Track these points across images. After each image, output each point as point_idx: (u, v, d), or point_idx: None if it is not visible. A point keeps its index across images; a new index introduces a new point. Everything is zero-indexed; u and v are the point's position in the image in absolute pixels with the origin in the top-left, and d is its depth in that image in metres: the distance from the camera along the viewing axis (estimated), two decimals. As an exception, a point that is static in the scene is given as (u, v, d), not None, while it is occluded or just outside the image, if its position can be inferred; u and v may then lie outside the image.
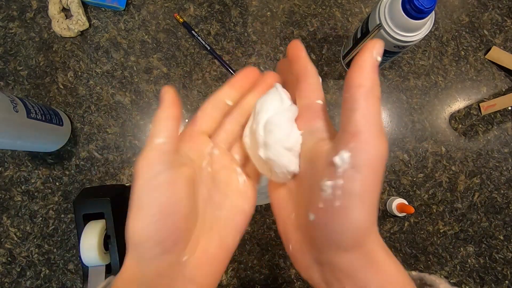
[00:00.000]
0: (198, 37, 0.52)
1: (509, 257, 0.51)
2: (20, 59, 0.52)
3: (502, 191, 0.52)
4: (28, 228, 0.49)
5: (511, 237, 0.52)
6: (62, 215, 0.50)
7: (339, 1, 0.55)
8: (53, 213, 0.50)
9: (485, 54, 0.55)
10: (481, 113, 0.53)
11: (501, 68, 0.54)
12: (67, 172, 0.50)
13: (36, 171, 0.50)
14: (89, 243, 0.41)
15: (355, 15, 0.54)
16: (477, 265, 0.51)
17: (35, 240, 0.49)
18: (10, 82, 0.51)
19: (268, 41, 0.53)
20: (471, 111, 0.54)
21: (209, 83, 0.52)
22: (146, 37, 0.53)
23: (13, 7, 0.52)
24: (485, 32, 0.55)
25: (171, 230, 0.18)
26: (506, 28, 0.55)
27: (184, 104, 0.52)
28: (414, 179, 0.52)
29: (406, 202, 0.49)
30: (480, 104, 0.53)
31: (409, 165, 0.52)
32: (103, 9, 0.53)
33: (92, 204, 0.44)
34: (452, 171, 0.52)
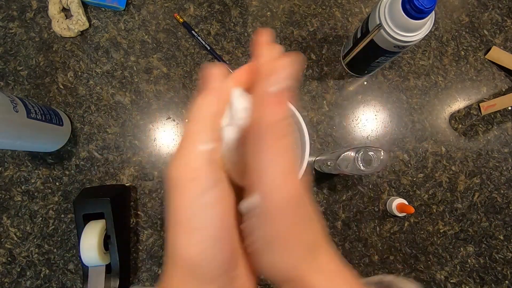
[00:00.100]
0: (198, 37, 0.52)
1: (509, 257, 0.51)
2: (20, 59, 0.52)
3: (502, 191, 0.52)
4: (28, 228, 0.49)
5: (511, 237, 0.52)
6: (62, 215, 0.50)
7: (339, 1, 0.55)
8: (53, 213, 0.50)
9: (485, 54, 0.55)
10: (481, 113, 0.53)
11: (501, 68, 0.54)
12: (67, 172, 0.50)
13: (36, 171, 0.50)
14: (89, 243, 0.41)
15: (355, 15, 0.54)
16: (477, 265, 0.51)
17: (35, 240, 0.49)
18: (10, 82, 0.51)
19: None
20: (471, 111, 0.54)
21: (209, 83, 0.52)
22: (146, 37, 0.53)
23: (13, 7, 0.52)
24: (485, 32, 0.55)
25: (230, 249, 0.16)
26: (506, 28, 0.55)
27: (184, 104, 0.52)
28: (414, 179, 0.52)
29: (406, 202, 0.49)
30: (480, 104, 0.53)
31: (409, 165, 0.52)
32: (103, 9, 0.53)
33: (92, 204, 0.44)
34: (452, 171, 0.52)
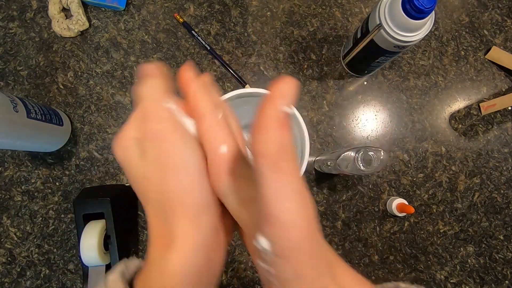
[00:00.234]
0: (198, 37, 0.52)
1: (509, 257, 0.51)
2: (20, 59, 0.52)
3: (502, 191, 0.52)
4: (28, 228, 0.49)
5: (511, 237, 0.52)
6: (62, 215, 0.50)
7: (339, 1, 0.55)
8: (53, 213, 0.50)
9: (485, 54, 0.55)
10: (481, 113, 0.53)
11: (501, 68, 0.54)
12: (67, 172, 0.50)
13: (36, 171, 0.50)
14: (89, 243, 0.41)
15: (355, 15, 0.54)
16: (477, 265, 0.51)
17: (35, 240, 0.49)
18: (10, 82, 0.51)
19: (268, 41, 0.53)
20: (471, 111, 0.54)
21: (209, 83, 0.52)
22: (146, 37, 0.53)
23: (13, 7, 0.52)
24: (485, 32, 0.55)
25: (208, 188, 0.17)
26: (506, 28, 0.55)
27: (184, 104, 0.52)
28: (414, 179, 0.52)
29: (406, 202, 0.49)
30: (480, 104, 0.53)
31: (409, 165, 0.52)
32: (103, 9, 0.53)
33: (92, 204, 0.44)
34: (452, 171, 0.52)
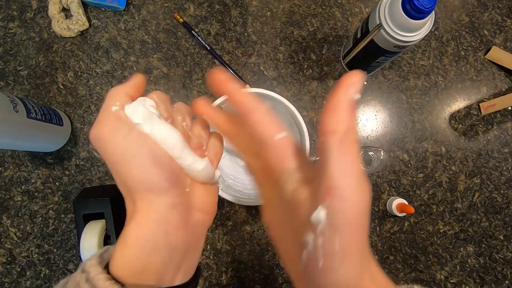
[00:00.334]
0: (198, 37, 0.52)
1: (509, 257, 0.51)
2: (20, 59, 0.52)
3: (502, 191, 0.52)
4: (28, 228, 0.49)
5: (511, 237, 0.52)
6: (62, 215, 0.50)
7: (339, 1, 0.55)
8: (53, 213, 0.50)
9: (485, 54, 0.55)
10: (481, 113, 0.53)
11: (501, 68, 0.54)
12: (67, 172, 0.50)
13: (36, 171, 0.50)
14: (89, 243, 0.41)
15: (355, 15, 0.54)
16: (477, 265, 0.51)
17: (35, 240, 0.49)
18: (10, 82, 0.51)
19: (268, 41, 0.53)
20: (471, 111, 0.54)
21: (209, 83, 0.52)
22: (146, 37, 0.53)
23: (13, 7, 0.52)
24: (485, 32, 0.55)
25: (169, 167, 0.20)
26: (506, 28, 0.55)
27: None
28: (414, 179, 0.52)
29: (406, 202, 0.49)
30: (480, 104, 0.53)
31: (409, 165, 0.52)
32: (103, 9, 0.53)
33: (92, 204, 0.44)
34: (452, 171, 0.52)
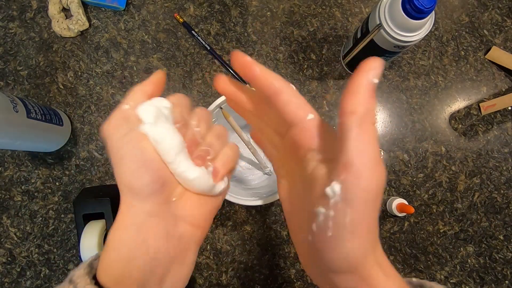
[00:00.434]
0: (198, 37, 0.52)
1: (509, 257, 0.51)
2: (20, 59, 0.52)
3: (502, 191, 0.52)
4: (28, 228, 0.49)
5: (511, 237, 0.52)
6: (62, 215, 0.50)
7: (339, 1, 0.55)
8: (53, 213, 0.50)
9: (485, 54, 0.55)
10: (481, 113, 0.53)
11: (501, 68, 0.54)
12: (67, 172, 0.50)
13: (36, 171, 0.50)
14: (89, 243, 0.41)
15: (355, 15, 0.54)
16: (477, 265, 0.51)
17: (35, 240, 0.49)
18: (10, 82, 0.51)
19: (268, 41, 0.53)
20: (471, 111, 0.54)
21: (209, 83, 0.52)
22: (146, 37, 0.53)
23: (13, 7, 0.52)
24: (485, 32, 0.55)
25: (155, 173, 0.20)
26: (506, 28, 0.55)
27: (184, 104, 0.52)
28: (414, 179, 0.52)
29: (406, 202, 0.49)
30: (480, 104, 0.53)
31: (409, 165, 0.52)
32: (103, 9, 0.53)
33: (92, 204, 0.44)
34: (452, 171, 0.52)
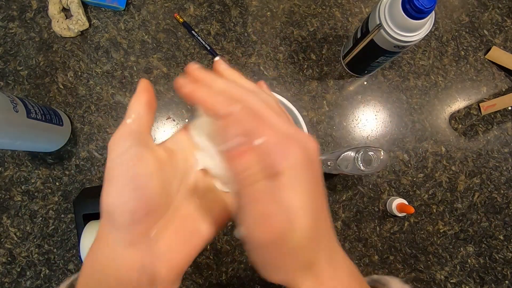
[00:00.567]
0: (198, 37, 0.52)
1: (509, 257, 0.51)
2: (20, 59, 0.52)
3: (502, 191, 0.52)
4: (28, 228, 0.49)
5: (511, 237, 0.52)
6: (62, 215, 0.50)
7: (339, 1, 0.55)
8: (53, 213, 0.50)
9: (485, 54, 0.55)
10: (481, 113, 0.53)
11: (501, 68, 0.54)
12: (67, 172, 0.50)
13: (36, 171, 0.50)
14: (89, 243, 0.41)
15: (355, 15, 0.54)
16: (477, 265, 0.51)
17: (35, 240, 0.49)
18: (10, 82, 0.51)
19: (268, 41, 0.53)
20: (471, 111, 0.54)
21: (209, 83, 0.52)
22: (146, 37, 0.53)
23: (13, 7, 0.52)
24: (485, 32, 0.55)
25: (141, 201, 0.19)
26: (506, 28, 0.55)
27: (184, 104, 0.52)
28: (414, 179, 0.52)
29: (406, 202, 0.49)
30: (480, 104, 0.53)
31: (409, 165, 0.52)
32: (103, 9, 0.53)
33: (92, 204, 0.44)
34: (452, 171, 0.52)
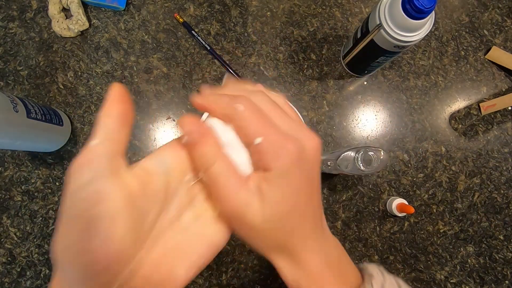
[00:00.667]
0: (198, 37, 0.52)
1: (509, 257, 0.51)
2: (20, 59, 0.52)
3: (502, 191, 0.52)
4: (28, 228, 0.49)
5: (511, 237, 0.52)
6: (62, 215, 0.50)
7: (339, 1, 0.55)
8: (53, 213, 0.50)
9: (485, 54, 0.55)
10: (481, 113, 0.53)
11: (501, 68, 0.54)
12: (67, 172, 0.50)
13: (36, 171, 0.50)
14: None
15: (355, 15, 0.54)
16: (477, 265, 0.51)
17: (35, 240, 0.49)
18: (10, 82, 0.51)
19: (268, 41, 0.53)
20: (471, 111, 0.54)
21: (209, 83, 0.52)
22: (146, 37, 0.53)
23: (13, 7, 0.52)
24: (485, 32, 0.55)
25: (99, 252, 0.15)
26: (506, 28, 0.55)
27: (184, 104, 0.52)
28: (414, 179, 0.52)
29: (406, 202, 0.49)
30: (480, 104, 0.53)
31: (409, 165, 0.52)
32: (103, 9, 0.53)
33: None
34: (452, 171, 0.52)
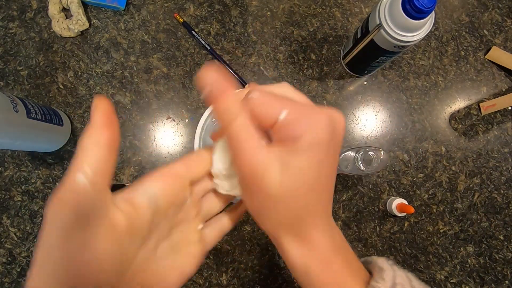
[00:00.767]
0: (198, 37, 0.52)
1: (509, 257, 0.51)
2: (20, 59, 0.52)
3: (502, 191, 0.52)
4: (28, 228, 0.49)
5: (511, 237, 0.52)
6: (62, 215, 0.50)
7: (339, 1, 0.55)
8: (53, 213, 0.50)
9: (485, 54, 0.55)
10: (481, 113, 0.53)
11: (501, 68, 0.54)
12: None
13: (36, 171, 0.50)
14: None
15: (355, 15, 0.54)
16: (477, 265, 0.51)
17: (35, 240, 0.49)
18: (10, 82, 0.51)
19: (268, 41, 0.53)
20: (471, 111, 0.54)
21: (209, 83, 0.52)
22: (146, 37, 0.53)
23: (13, 7, 0.52)
24: (485, 32, 0.55)
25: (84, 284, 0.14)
26: (506, 28, 0.55)
27: (184, 104, 0.52)
28: (414, 179, 0.52)
29: (406, 202, 0.49)
30: (480, 104, 0.53)
31: (409, 165, 0.52)
32: (103, 9, 0.53)
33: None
34: (452, 171, 0.52)
